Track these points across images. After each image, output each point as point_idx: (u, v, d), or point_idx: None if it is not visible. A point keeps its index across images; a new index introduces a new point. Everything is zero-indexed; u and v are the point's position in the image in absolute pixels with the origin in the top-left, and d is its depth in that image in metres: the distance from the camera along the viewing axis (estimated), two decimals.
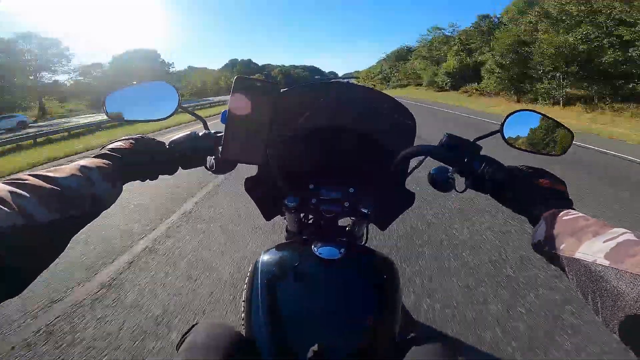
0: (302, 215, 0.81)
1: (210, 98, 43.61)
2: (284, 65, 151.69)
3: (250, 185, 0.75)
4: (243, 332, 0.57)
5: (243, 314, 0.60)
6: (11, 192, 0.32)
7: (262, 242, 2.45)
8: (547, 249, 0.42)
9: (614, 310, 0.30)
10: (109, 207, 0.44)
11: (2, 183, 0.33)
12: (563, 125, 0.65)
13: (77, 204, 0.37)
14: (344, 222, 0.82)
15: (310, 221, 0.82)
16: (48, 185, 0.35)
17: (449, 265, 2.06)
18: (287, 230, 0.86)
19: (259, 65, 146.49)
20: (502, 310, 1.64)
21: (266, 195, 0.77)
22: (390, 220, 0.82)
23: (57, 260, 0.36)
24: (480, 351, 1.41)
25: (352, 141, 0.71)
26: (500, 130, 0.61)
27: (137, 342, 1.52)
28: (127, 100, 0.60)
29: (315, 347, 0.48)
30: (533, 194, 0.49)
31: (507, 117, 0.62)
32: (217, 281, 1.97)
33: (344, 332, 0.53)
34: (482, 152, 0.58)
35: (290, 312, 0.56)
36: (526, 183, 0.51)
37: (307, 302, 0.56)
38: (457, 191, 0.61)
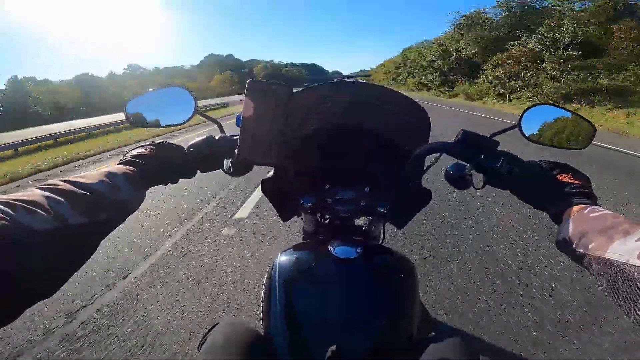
0: (318, 215, 0.81)
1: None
2: (272, 62, 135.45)
3: (267, 187, 0.76)
4: (262, 332, 0.58)
5: (261, 314, 0.61)
6: (46, 197, 0.33)
7: None
8: (573, 247, 0.40)
9: None
10: (134, 211, 0.45)
11: (37, 188, 0.35)
12: (584, 118, 0.64)
13: (105, 208, 0.39)
14: (361, 222, 0.82)
15: (327, 221, 0.83)
16: (79, 191, 0.37)
17: None
18: (304, 231, 0.87)
19: (243, 61, 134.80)
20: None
21: (282, 197, 0.78)
22: (407, 219, 0.81)
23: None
24: (500, 349, 1.38)
25: (366, 140, 0.71)
26: (518, 125, 0.60)
27: None
28: (146, 106, 0.62)
29: (333, 347, 0.48)
30: (555, 190, 0.48)
31: (525, 111, 0.61)
32: None
33: (361, 332, 0.53)
34: (499, 148, 0.57)
35: (308, 312, 0.56)
36: (547, 178, 0.50)
37: (324, 301, 0.56)
38: (475, 188, 0.60)
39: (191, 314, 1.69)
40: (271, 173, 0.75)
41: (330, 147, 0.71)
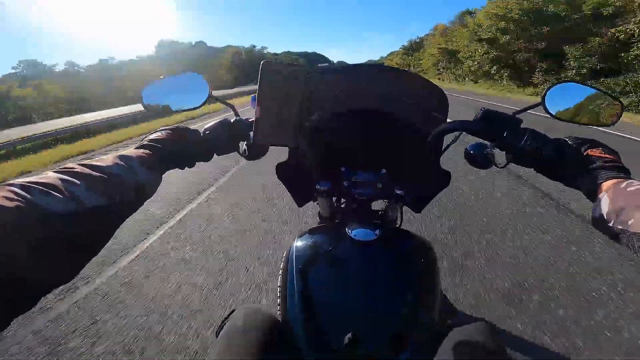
0: (334, 199, 0.80)
1: None
2: (253, 47, 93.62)
3: (282, 172, 0.76)
4: (279, 318, 0.58)
5: (279, 300, 0.60)
6: (62, 180, 0.33)
7: None
8: (612, 224, 0.38)
9: None
10: (151, 195, 0.45)
11: (53, 172, 0.35)
12: (611, 95, 0.61)
13: (121, 190, 0.38)
14: (378, 207, 0.81)
15: (343, 205, 0.82)
16: (95, 173, 0.37)
17: None
18: (319, 216, 0.86)
19: (216, 47, 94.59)
20: None
21: (298, 181, 0.77)
22: (425, 202, 0.80)
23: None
24: (521, 337, 1.36)
25: (383, 122, 0.69)
26: (542, 103, 0.58)
27: None
28: (162, 92, 0.62)
29: (350, 335, 0.48)
30: (586, 166, 0.46)
31: (548, 89, 0.59)
32: None
33: (380, 317, 0.52)
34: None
35: (326, 297, 0.55)
36: (577, 154, 0.48)
37: (343, 286, 0.55)
38: (497, 167, 0.59)
39: None
40: (286, 157, 0.74)
41: (347, 129, 0.70)
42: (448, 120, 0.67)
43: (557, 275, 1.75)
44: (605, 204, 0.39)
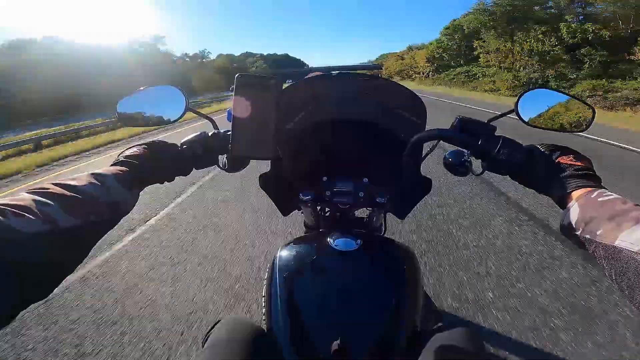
0: (318, 208, 0.81)
1: None
2: (186, 55, 70.99)
3: (265, 182, 0.75)
4: (265, 328, 0.58)
5: (264, 310, 0.60)
6: (35, 201, 0.33)
7: None
8: (579, 233, 0.38)
9: None
10: (128, 212, 0.45)
11: (26, 192, 0.35)
12: (583, 101, 0.63)
13: (96, 210, 0.38)
14: (363, 213, 0.81)
15: (327, 214, 0.82)
16: (69, 193, 0.36)
17: None
18: (305, 225, 0.86)
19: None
20: None
21: (281, 191, 0.77)
22: (408, 209, 0.81)
23: None
24: (506, 339, 1.38)
25: (362, 131, 0.70)
26: (515, 109, 0.59)
27: None
28: (137, 105, 0.61)
29: (337, 343, 0.48)
30: (557, 173, 0.46)
31: (521, 95, 0.60)
32: None
33: (365, 324, 0.53)
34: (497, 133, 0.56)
35: (310, 306, 0.55)
36: (548, 161, 0.48)
37: (326, 295, 0.56)
38: (474, 174, 0.60)
39: None
40: (268, 168, 0.74)
41: (327, 139, 0.71)
42: (427, 127, 0.69)
43: None
44: (574, 213, 0.40)
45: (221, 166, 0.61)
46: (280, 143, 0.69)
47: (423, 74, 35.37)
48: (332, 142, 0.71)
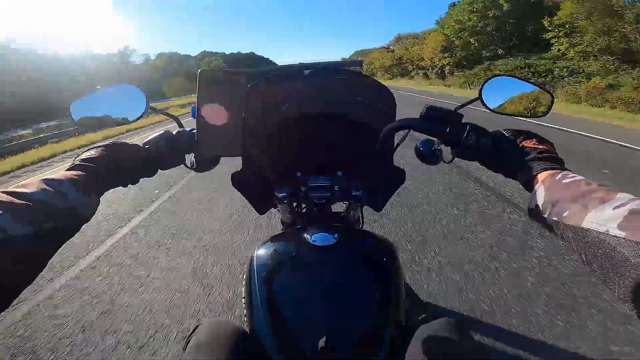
0: (294, 205, 0.80)
1: None
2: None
3: (238, 181, 0.74)
4: (247, 329, 0.56)
5: (245, 311, 0.59)
6: None
7: None
8: (547, 215, 0.39)
9: (630, 284, 0.27)
10: (89, 218, 0.43)
11: None
12: (541, 87, 0.65)
13: (51, 217, 0.36)
14: (340, 208, 0.81)
15: (304, 210, 0.81)
16: (18, 200, 0.34)
17: None
18: (282, 223, 0.85)
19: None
20: None
21: (256, 189, 0.76)
22: (384, 201, 0.81)
23: None
24: (491, 327, 1.40)
25: (334, 125, 0.70)
26: (480, 97, 0.61)
27: None
28: (94, 106, 0.57)
29: (324, 338, 0.47)
30: (522, 157, 0.47)
31: (484, 83, 0.62)
32: None
33: (349, 319, 0.52)
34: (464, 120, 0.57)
35: (291, 304, 0.55)
36: (513, 146, 0.49)
37: (306, 292, 0.55)
38: (445, 162, 0.61)
39: None
40: (240, 166, 0.72)
41: (299, 134, 0.70)
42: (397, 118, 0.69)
43: None
44: (540, 195, 0.40)
45: (189, 166, 0.59)
46: (251, 139, 0.67)
47: (433, 69, 24.07)
48: (304, 137, 0.70)
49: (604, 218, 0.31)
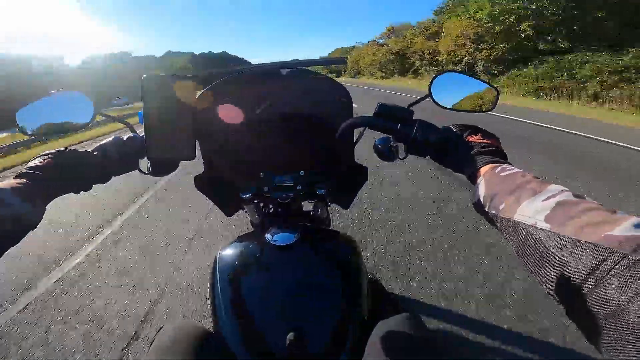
0: (261, 205, 0.80)
1: None
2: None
3: (201, 184, 0.73)
4: (212, 330, 0.56)
5: (210, 313, 0.59)
6: None
7: None
8: (487, 209, 0.39)
9: (555, 277, 0.27)
10: (35, 226, 0.42)
11: None
12: (487, 83, 0.69)
13: None
14: (310, 207, 0.82)
15: (271, 210, 0.82)
16: None
17: None
18: (251, 224, 0.85)
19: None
20: None
21: (221, 191, 0.75)
22: (350, 198, 0.83)
23: None
24: (444, 329, 1.44)
25: (293, 125, 0.71)
26: (429, 94, 0.63)
27: None
28: (41, 114, 0.56)
29: (291, 336, 0.48)
30: (467, 151, 0.48)
31: (434, 79, 0.64)
32: None
33: (308, 317, 0.53)
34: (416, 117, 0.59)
35: (255, 303, 0.55)
36: (460, 141, 0.50)
37: (270, 291, 0.56)
38: (400, 159, 0.62)
39: None
40: (203, 169, 0.72)
41: (258, 135, 0.70)
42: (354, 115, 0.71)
43: None
44: (482, 189, 0.41)
45: (145, 171, 0.58)
46: (208, 142, 0.67)
47: (455, 65, 16.39)
48: (265, 137, 0.71)
49: (532, 210, 0.31)
